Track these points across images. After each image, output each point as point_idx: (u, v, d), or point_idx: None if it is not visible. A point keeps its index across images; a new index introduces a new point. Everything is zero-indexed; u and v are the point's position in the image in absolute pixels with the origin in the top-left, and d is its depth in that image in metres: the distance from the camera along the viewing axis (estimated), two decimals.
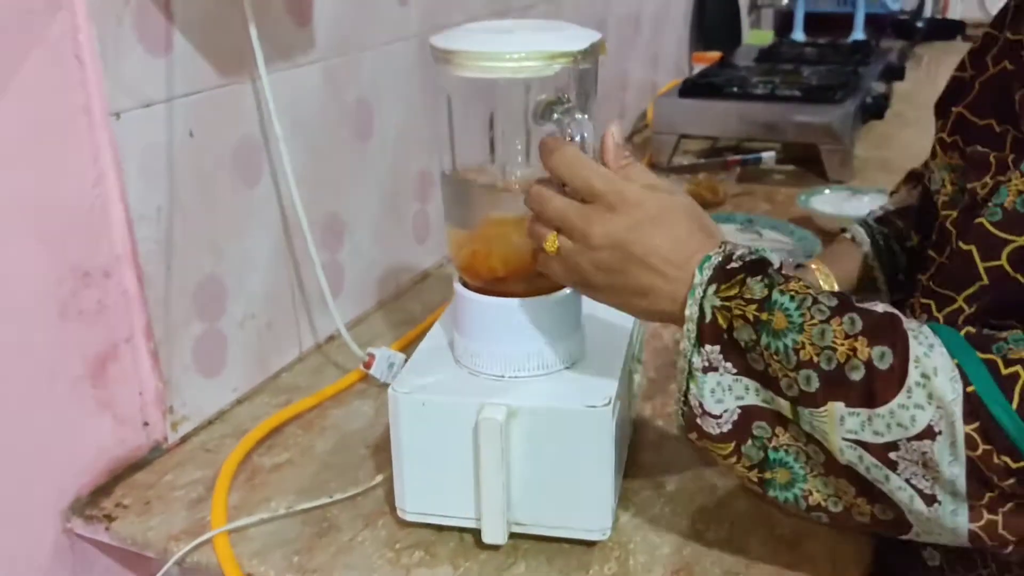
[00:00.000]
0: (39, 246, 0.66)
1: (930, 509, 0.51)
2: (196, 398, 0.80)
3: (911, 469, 0.50)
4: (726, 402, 0.55)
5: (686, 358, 0.55)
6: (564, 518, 0.63)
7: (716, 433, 0.55)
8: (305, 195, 0.89)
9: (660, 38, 1.86)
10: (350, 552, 0.65)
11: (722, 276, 0.55)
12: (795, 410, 0.53)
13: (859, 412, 0.50)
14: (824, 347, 0.51)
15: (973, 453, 0.48)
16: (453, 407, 0.61)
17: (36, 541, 0.69)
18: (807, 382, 0.52)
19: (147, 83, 0.71)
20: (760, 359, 0.53)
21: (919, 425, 0.49)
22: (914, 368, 0.49)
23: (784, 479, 0.55)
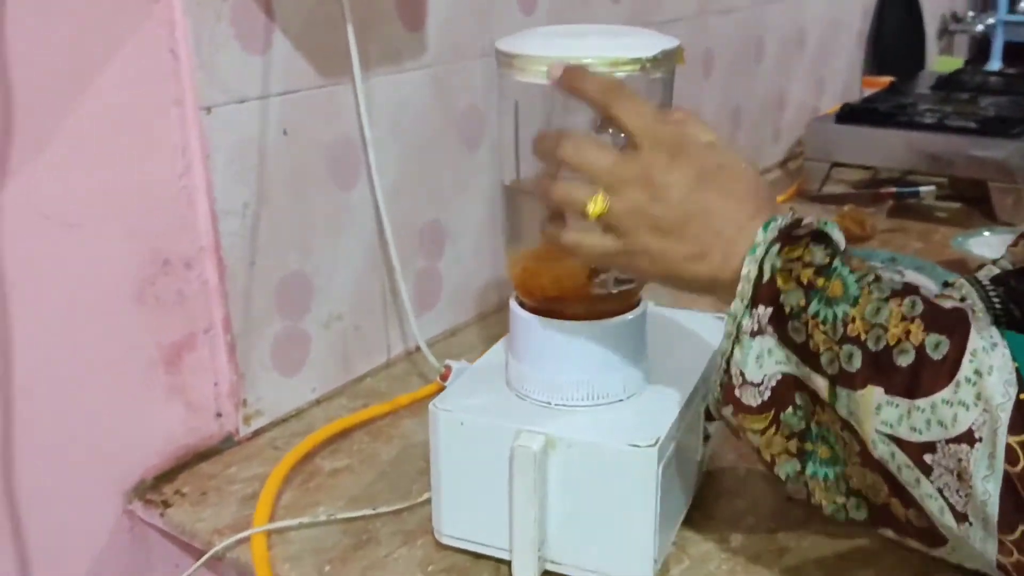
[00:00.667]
0: (121, 230, 0.68)
1: (960, 528, 0.45)
2: (272, 394, 0.81)
3: (945, 478, 0.44)
4: (766, 367, 0.50)
5: (735, 321, 0.50)
6: (601, 563, 0.59)
7: (755, 404, 0.50)
8: (404, 201, 0.89)
9: (828, 59, 1.75)
10: (382, 569, 0.63)
11: (787, 239, 0.49)
12: (833, 390, 0.47)
13: (898, 403, 0.45)
14: (875, 324, 0.46)
15: (1013, 469, 0.42)
16: (491, 430, 0.58)
17: (97, 518, 0.71)
18: (848, 360, 0.46)
19: (242, 80, 0.72)
20: (803, 329, 0.48)
21: (960, 426, 0.43)
22: (969, 362, 0.44)
23: (826, 455, 0.51)
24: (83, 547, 0.71)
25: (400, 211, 0.89)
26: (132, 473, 0.73)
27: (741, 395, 0.51)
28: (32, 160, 0.62)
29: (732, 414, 0.52)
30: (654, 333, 0.69)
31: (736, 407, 0.51)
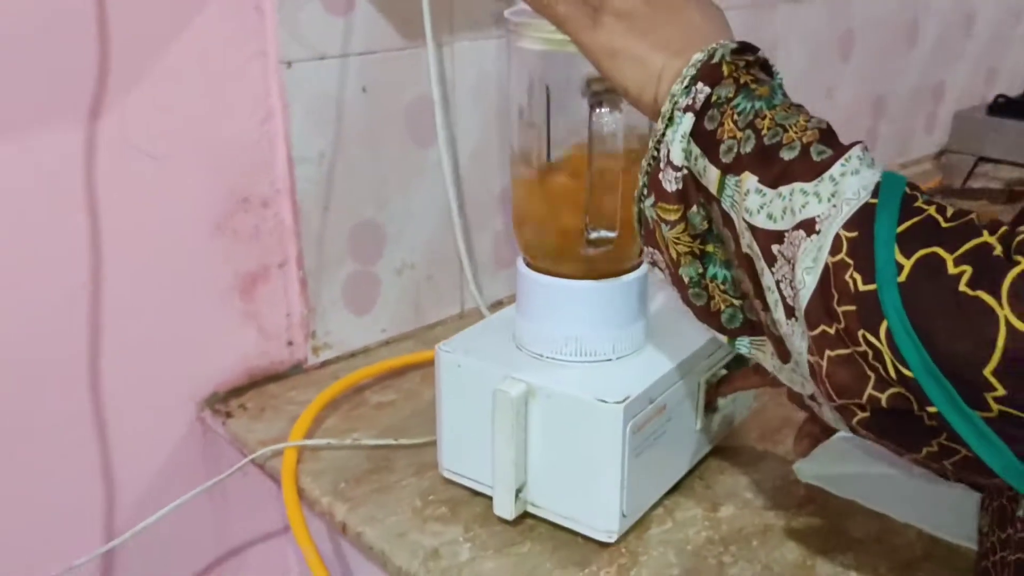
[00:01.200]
0: (204, 167, 0.77)
1: (788, 323, 0.45)
2: (341, 330, 0.88)
3: (784, 270, 0.45)
4: (682, 155, 0.50)
5: (672, 100, 0.50)
6: (573, 510, 0.62)
7: (672, 190, 0.50)
8: (482, 163, 0.94)
9: (1001, 47, 1.63)
10: (387, 492, 0.69)
11: (743, 50, 0.51)
12: (722, 181, 0.48)
13: (765, 191, 0.46)
14: (780, 124, 0.47)
15: (832, 259, 0.42)
16: (482, 373, 0.62)
17: (173, 422, 0.81)
18: (745, 143, 0.47)
19: (323, 38, 0.79)
20: (718, 117, 0.49)
21: (806, 214, 0.44)
22: (840, 165, 0.44)
23: (723, 256, 0.52)
24: (159, 446, 0.81)
25: (478, 173, 0.94)
26: (206, 386, 0.83)
27: (662, 178, 0.51)
28: (125, 95, 0.71)
29: (652, 204, 0.52)
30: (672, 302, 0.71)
31: (656, 195, 0.51)
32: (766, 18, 1.19)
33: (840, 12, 1.29)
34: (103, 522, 0.79)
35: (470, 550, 0.62)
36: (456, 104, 0.90)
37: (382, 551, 0.63)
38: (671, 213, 0.51)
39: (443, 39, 0.87)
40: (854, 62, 1.34)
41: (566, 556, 0.62)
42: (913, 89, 1.47)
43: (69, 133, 0.69)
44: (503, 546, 0.63)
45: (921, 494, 0.66)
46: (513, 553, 0.62)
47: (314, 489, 0.70)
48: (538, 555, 0.62)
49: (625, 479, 0.59)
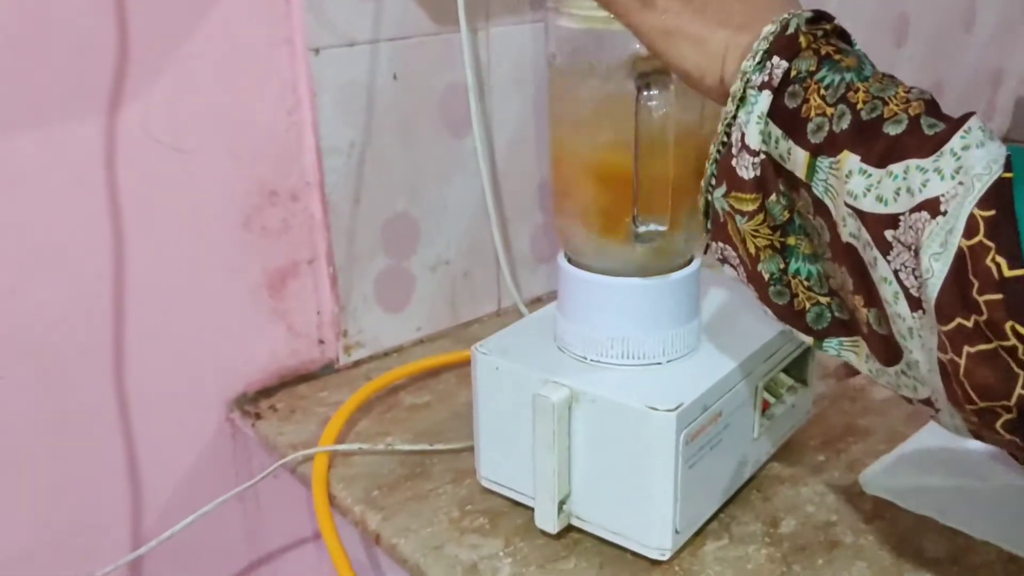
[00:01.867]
0: (230, 159, 0.73)
1: (914, 316, 0.40)
2: (374, 328, 0.85)
3: (903, 257, 0.40)
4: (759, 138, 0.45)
5: (744, 77, 0.45)
6: (622, 525, 0.57)
7: (748, 178, 0.45)
8: (521, 154, 0.90)
9: (1008, 47, 1.55)
10: (423, 501, 0.65)
11: (818, 19, 0.46)
12: (812, 163, 0.43)
13: (870, 172, 0.41)
14: (877, 97, 0.42)
15: (968, 242, 0.37)
16: (521, 376, 0.58)
17: (201, 423, 0.78)
18: (839, 120, 0.42)
19: (351, 23, 0.75)
20: (801, 93, 0.44)
21: (928, 193, 0.39)
22: (960, 138, 0.39)
23: (808, 250, 0.47)
24: (188, 447, 0.78)
25: (516, 164, 0.89)
26: (235, 386, 0.79)
27: (736, 165, 0.46)
28: (146, 86, 0.68)
29: (724, 195, 0.47)
30: (724, 301, 0.66)
31: (729, 183, 0.47)
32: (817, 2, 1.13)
33: None
34: (130, 528, 0.76)
35: (511, 565, 0.58)
36: (491, 92, 0.85)
37: (417, 565, 0.59)
38: (747, 203, 0.46)
39: (477, 24, 0.83)
40: (909, 48, 1.28)
41: (614, 574, 0.57)
42: (971, 75, 1.40)
43: (89, 125, 0.66)
44: (546, 561, 0.59)
45: (1000, 510, 0.61)
46: (557, 570, 0.58)
47: (346, 497, 0.66)
48: (584, 572, 0.58)
49: (678, 493, 0.55)
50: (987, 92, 1.45)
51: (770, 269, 0.48)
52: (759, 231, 0.47)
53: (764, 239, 0.47)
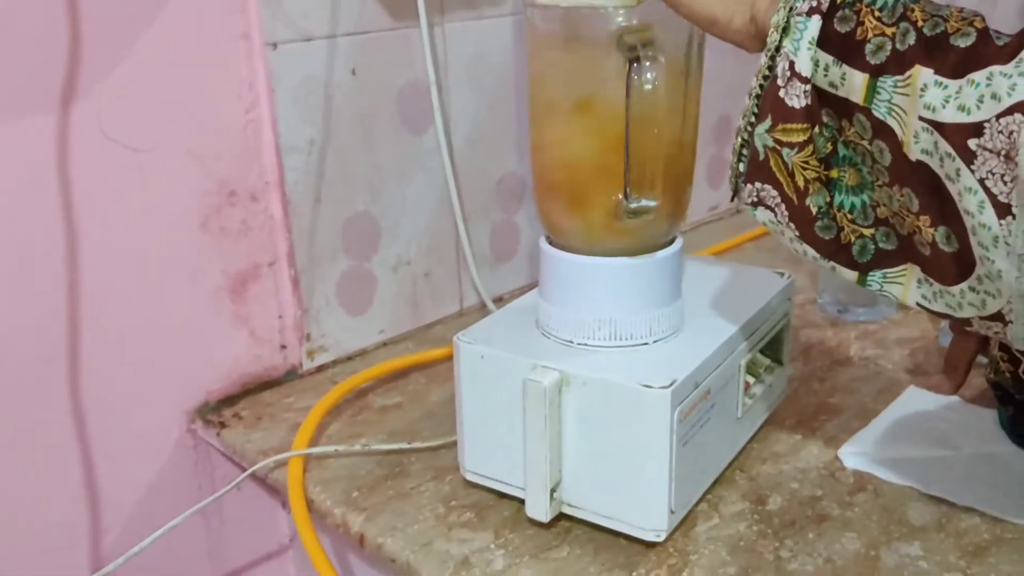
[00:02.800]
0: (187, 158, 0.71)
1: (1002, 223, 0.40)
2: (337, 331, 0.83)
3: (990, 163, 0.40)
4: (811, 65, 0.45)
5: (787, 5, 0.45)
6: (615, 509, 0.57)
7: (799, 107, 0.45)
8: (480, 150, 0.89)
9: None
10: (405, 499, 0.63)
11: None
12: (872, 84, 0.43)
13: (947, 84, 0.41)
14: (935, 15, 0.42)
15: None
16: (508, 364, 0.57)
17: (161, 435, 0.75)
18: (903, 38, 0.42)
19: (309, 18, 0.74)
20: (853, 17, 0.44)
21: (1017, 96, 0.39)
22: None
23: (854, 181, 0.47)
24: (148, 460, 0.75)
25: (475, 160, 0.89)
26: (197, 394, 0.76)
27: (785, 95, 0.45)
28: (99, 83, 0.65)
29: (768, 130, 0.47)
30: (704, 282, 0.66)
31: (775, 116, 0.46)
32: None
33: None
34: (89, 548, 0.73)
35: (504, 557, 0.57)
36: (450, 87, 0.85)
37: (407, 562, 0.58)
38: (798, 134, 0.46)
39: (434, 19, 0.82)
40: None
41: (610, 559, 0.57)
42: None
43: (40, 123, 0.63)
44: (539, 551, 0.58)
45: (978, 477, 0.62)
46: (551, 558, 0.57)
47: (325, 500, 0.64)
48: (578, 559, 0.57)
49: (673, 472, 0.54)
50: None
51: (818, 203, 0.48)
52: (808, 163, 0.46)
53: (813, 171, 0.47)
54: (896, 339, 0.83)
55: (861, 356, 0.81)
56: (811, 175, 0.47)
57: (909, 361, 0.79)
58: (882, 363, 0.79)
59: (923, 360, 0.79)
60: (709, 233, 1.13)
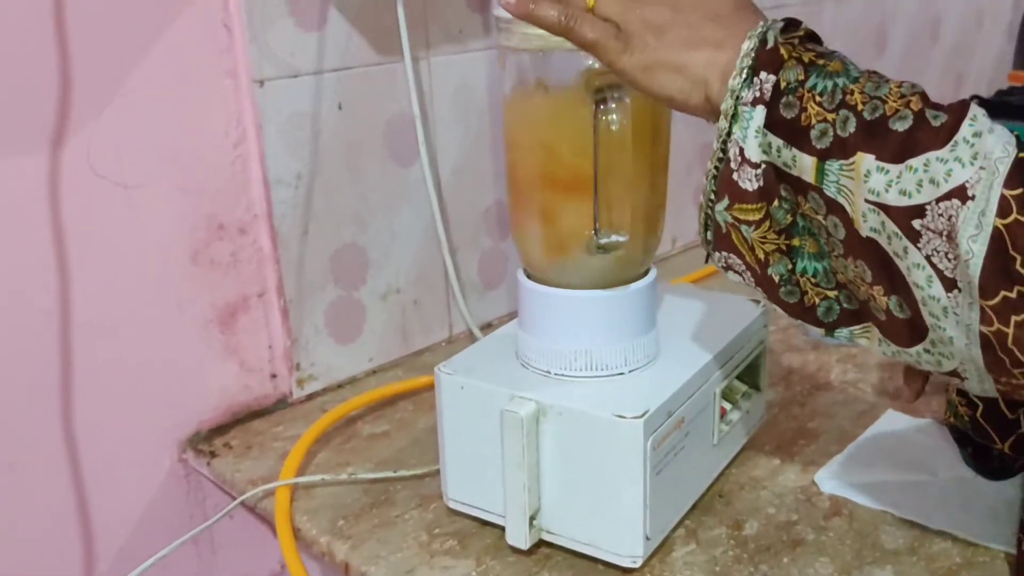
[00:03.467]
0: (177, 194, 0.73)
1: (949, 296, 0.43)
2: (326, 360, 0.84)
3: (934, 243, 0.42)
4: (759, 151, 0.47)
5: (733, 95, 0.47)
6: (593, 536, 0.58)
7: (752, 189, 0.47)
8: (467, 180, 0.91)
9: (968, 52, 1.64)
10: (390, 528, 0.65)
11: (789, 27, 0.49)
12: (821, 167, 0.45)
13: (888, 168, 0.43)
14: (874, 97, 0.45)
15: (1003, 221, 0.40)
16: (487, 394, 0.59)
17: (152, 464, 0.76)
18: (844, 125, 0.45)
19: (295, 55, 0.75)
20: (796, 104, 0.46)
21: (953, 182, 0.41)
22: (968, 126, 0.42)
23: (813, 249, 0.49)
24: (140, 489, 0.76)
25: (462, 190, 0.90)
26: (188, 424, 0.78)
27: (738, 178, 0.48)
28: (89, 122, 0.67)
29: (726, 208, 0.49)
30: (680, 312, 0.68)
31: (731, 196, 0.49)
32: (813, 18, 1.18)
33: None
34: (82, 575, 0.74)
35: None
36: (435, 120, 0.86)
37: None
38: (753, 213, 0.48)
39: (419, 53, 0.84)
40: (887, 55, 1.34)
41: None
42: (938, 78, 1.49)
43: (32, 162, 0.65)
44: None
45: (951, 501, 0.63)
46: None
47: (311, 529, 0.65)
48: None
49: (647, 499, 0.56)
50: (951, 92, 1.53)
51: (779, 271, 0.50)
52: (766, 237, 0.49)
53: (771, 244, 0.49)
54: (876, 363, 0.84)
55: (841, 380, 0.82)
56: (770, 247, 0.49)
57: (888, 385, 0.81)
58: (861, 387, 0.80)
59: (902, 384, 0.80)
60: (698, 256, 1.14)
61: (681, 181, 1.15)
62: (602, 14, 0.50)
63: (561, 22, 0.50)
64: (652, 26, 0.49)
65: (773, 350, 0.88)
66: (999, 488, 0.64)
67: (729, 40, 0.48)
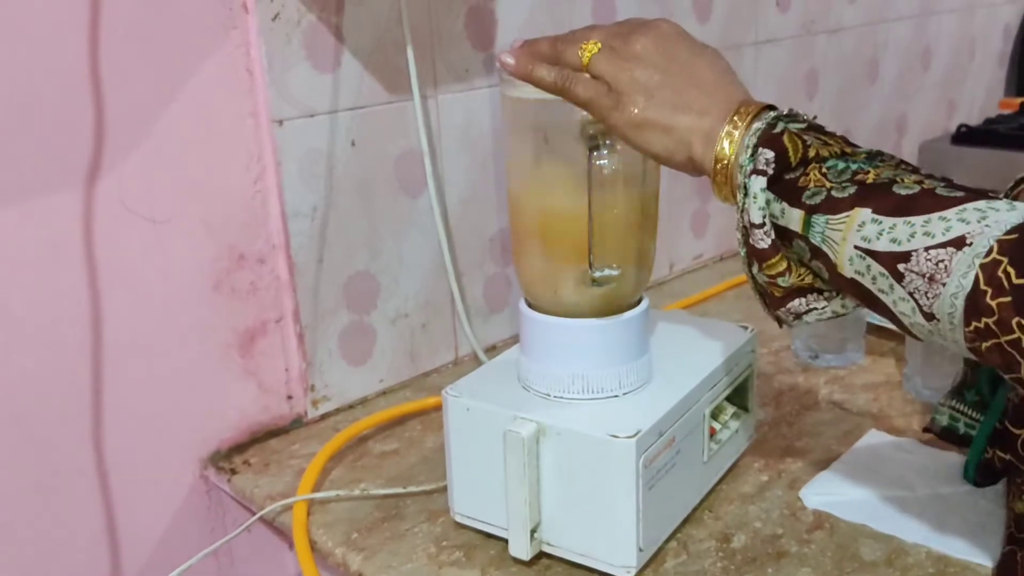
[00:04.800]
0: (201, 227, 0.77)
1: (929, 324, 0.48)
2: (340, 382, 0.89)
3: (916, 283, 0.47)
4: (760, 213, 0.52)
5: (743, 170, 0.52)
6: (590, 547, 0.62)
7: (766, 246, 0.53)
8: (473, 210, 0.95)
9: (959, 79, 1.69)
10: (400, 540, 0.69)
11: (794, 117, 0.54)
12: (807, 220, 0.50)
13: (882, 220, 0.48)
14: (887, 176, 0.50)
15: (983, 260, 0.44)
16: (491, 416, 0.63)
17: (176, 480, 0.81)
18: (842, 189, 0.50)
19: (312, 96, 0.81)
20: (800, 169, 0.52)
21: (951, 235, 0.46)
22: (984, 201, 0.47)
23: None
24: (164, 505, 0.81)
25: (468, 219, 0.95)
26: (209, 443, 0.82)
27: (754, 240, 0.53)
28: (121, 161, 0.72)
29: (759, 271, 0.54)
30: (673, 336, 0.72)
31: (757, 259, 0.54)
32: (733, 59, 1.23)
33: (804, 52, 1.33)
34: None
35: None
36: (443, 153, 0.91)
37: None
38: (777, 265, 0.53)
39: (427, 92, 0.89)
40: (819, 100, 1.38)
41: None
42: (877, 123, 1.52)
43: (67, 199, 0.70)
44: None
45: (927, 515, 0.67)
46: None
47: (327, 541, 0.69)
48: None
49: (640, 513, 0.60)
50: (893, 138, 1.57)
51: None
52: (801, 274, 0.54)
53: (808, 274, 0.54)
54: (862, 384, 0.89)
55: (828, 400, 0.86)
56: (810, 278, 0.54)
57: (873, 405, 0.85)
58: (848, 407, 0.85)
59: (886, 404, 0.85)
60: (693, 281, 1.19)
61: (677, 210, 1.20)
62: (595, 72, 0.55)
63: (557, 83, 0.55)
64: (642, 87, 0.54)
65: (765, 372, 0.92)
66: (973, 503, 0.68)
67: (712, 108, 0.53)
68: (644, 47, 0.55)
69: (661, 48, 0.55)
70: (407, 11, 0.83)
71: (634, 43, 0.55)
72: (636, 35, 0.56)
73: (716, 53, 0.57)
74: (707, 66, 0.55)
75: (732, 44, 1.22)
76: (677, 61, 0.54)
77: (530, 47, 0.59)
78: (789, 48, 1.30)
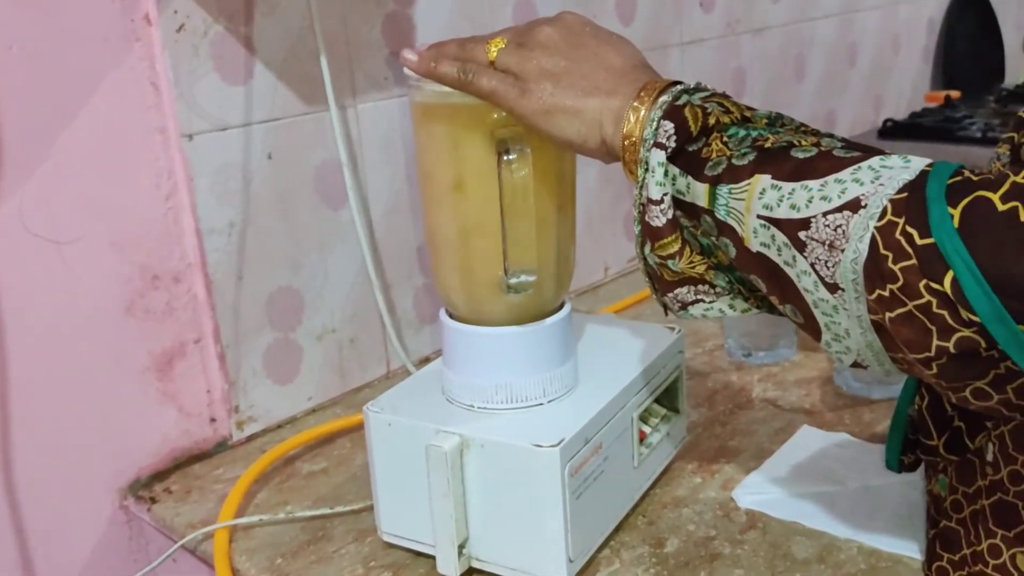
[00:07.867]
0: (110, 248, 0.75)
1: (834, 296, 0.46)
2: (265, 402, 0.86)
3: (817, 252, 0.46)
4: (658, 188, 0.51)
5: (646, 143, 0.51)
6: (519, 561, 0.61)
7: (662, 224, 0.51)
8: (398, 220, 0.93)
9: (886, 74, 1.72)
10: (327, 563, 0.67)
11: (699, 88, 0.53)
12: (712, 192, 0.49)
13: (781, 186, 0.47)
14: (786, 140, 0.49)
15: (878, 224, 0.43)
16: (413, 430, 0.61)
17: (94, 513, 0.78)
18: (742, 157, 0.48)
19: (223, 109, 0.78)
20: (702, 140, 0.50)
21: (846, 197, 0.45)
22: (878, 159, 0.46)
23: (725, 261, 0.53)
24: (82, 537, 0.77)
25: (394, 230, 0.93)
26: (128, 472, 0.79)
27: (650, 218, 0.52)
28: (21, 183, 0.69)
29: (651, 251, 0.53)
30: (599, 341, 0.71)
31: (651, 237, 0.52)
32: (659, 60, 1.23)
33: (731, 52, 1.34)
34: None
35: None
36: (365, 164, 0.90)
37: None
38: (670, 246, 0.52)
39: (345, 101, 0.87)
40: (747, 99, 1.38)
41: None
42: (806, 119, 1.52)
43: None
44: None
45: (858, 510, 0.67)
46: None
47: (250, 568, 0.67)
48: None
49: (568, 523, 0.58)
50: (871, 114, 1.59)
51: (719, 282, 0.54)
52: (693, 261, 0.53)
53: (700, 265, 0.53)
54: (795, 380, 0.89)
55: (762, 398, 0.86)
56: (701, 268, 0.53)
57: (805, 401, 0.85)
58: (781, 404, 0.84)
59: (818, 400, 0.85)
60: (628, 284, 1.18)
61: (610, 213, 1.20)
62: (502, 66, 0.54)
63: (460, 77, 0.54)
64: (549, 74, 0.53)
65: (699, 372, 0.92)
66: (902, 494, 0.68)
67: (621, 88, 0.52)
68: (548, 36, 0.54)
69: (566, 36, 0.54)
70: (319, 19, 0.81)
71: (538, 33, 0.54)
72: (540, 26, 0.55)
73: (624, 40, 0.57)
74: (614, 51, 0.54)
75: (658, 45, 1.22)
76: (583, 47, 0.54)
77: (436, 48, 0.58)
78: (715, 48, 1.31)
